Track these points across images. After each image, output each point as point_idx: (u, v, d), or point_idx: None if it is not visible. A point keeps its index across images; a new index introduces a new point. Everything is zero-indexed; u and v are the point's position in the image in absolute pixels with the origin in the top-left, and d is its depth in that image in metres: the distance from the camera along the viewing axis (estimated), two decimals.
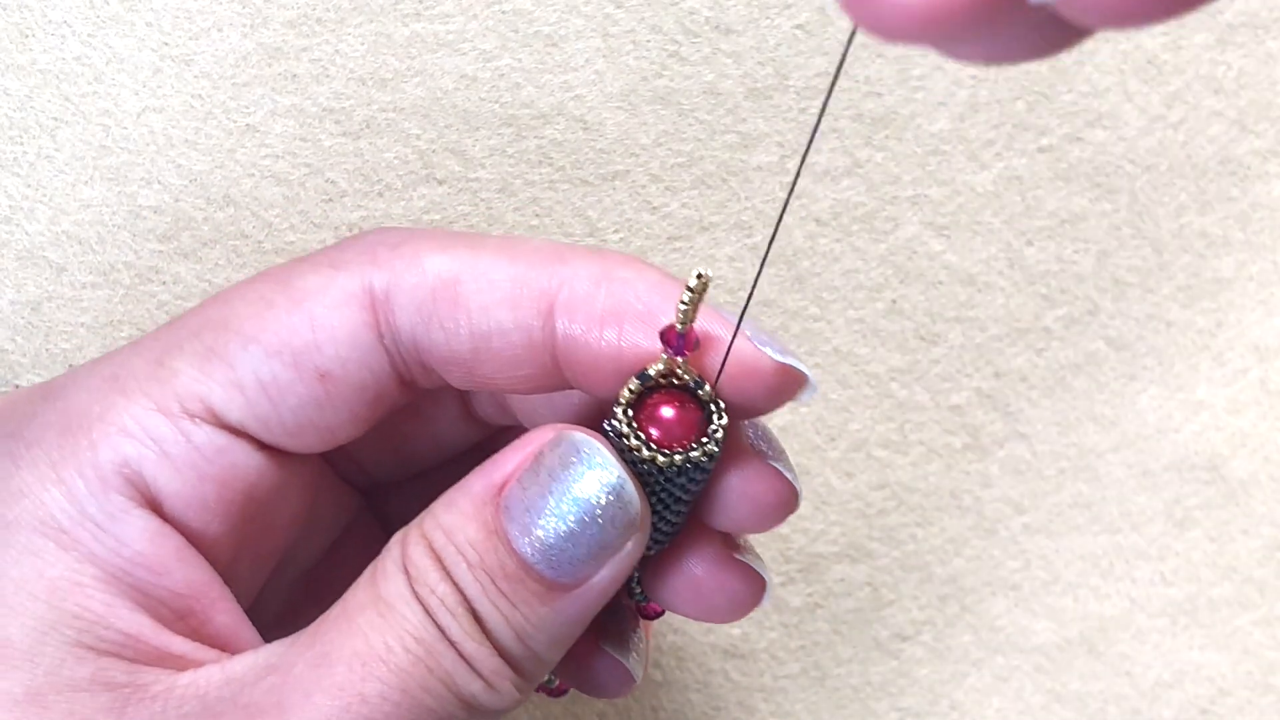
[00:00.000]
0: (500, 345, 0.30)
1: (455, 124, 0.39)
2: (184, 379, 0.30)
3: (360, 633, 0.28)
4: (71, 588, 0.29)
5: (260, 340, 0.30)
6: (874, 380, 0.41)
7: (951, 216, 0.41)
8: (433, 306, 0.30)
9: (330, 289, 0.30)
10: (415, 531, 0.29)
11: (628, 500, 0.29)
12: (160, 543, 0.29)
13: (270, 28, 0.38)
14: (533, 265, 0.30)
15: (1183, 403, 0.43)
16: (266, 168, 0.38)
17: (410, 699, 0.28)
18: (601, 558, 0.29)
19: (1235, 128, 0.41)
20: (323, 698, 0.28)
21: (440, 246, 0.30)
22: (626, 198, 0.39)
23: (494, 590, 0.29)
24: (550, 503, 0.28)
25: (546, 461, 0.29)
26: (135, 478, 0.29)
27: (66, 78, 0.37)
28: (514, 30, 0.38)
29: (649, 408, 0.29)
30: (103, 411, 0.30)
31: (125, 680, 0.29)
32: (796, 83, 0.39)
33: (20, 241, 0.37)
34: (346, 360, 0.30)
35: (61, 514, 0.29)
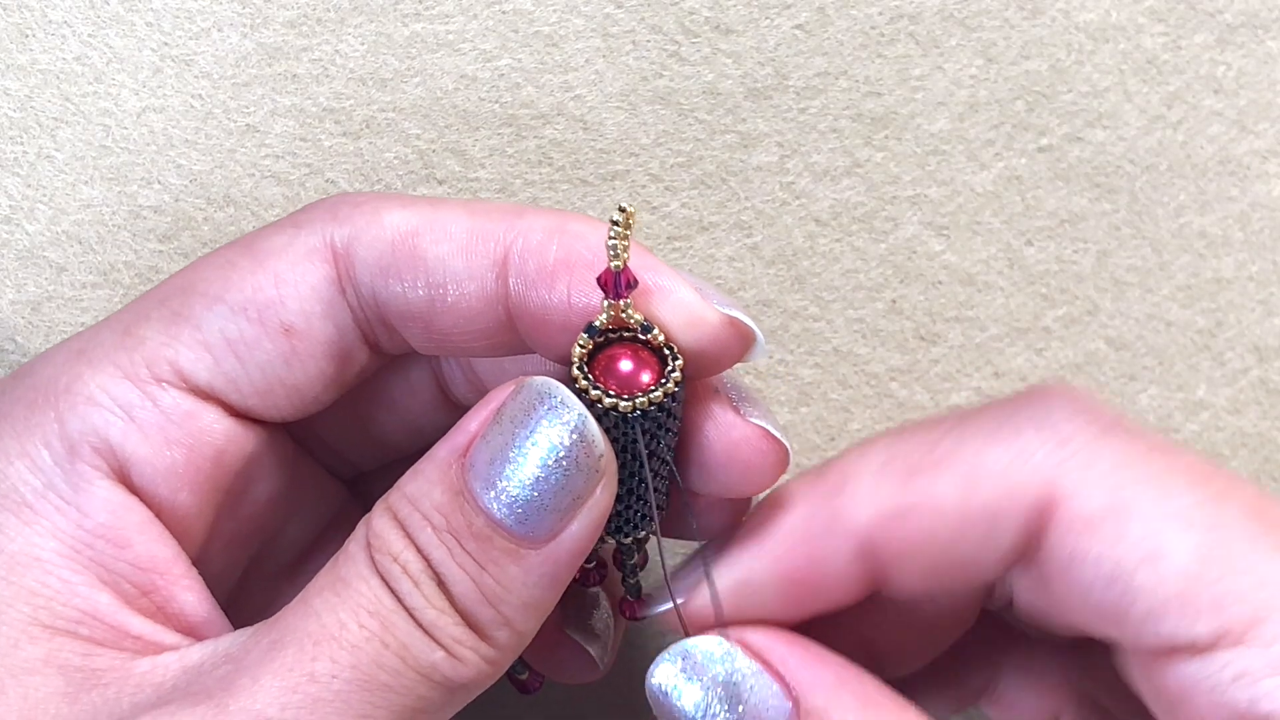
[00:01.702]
0: (455, 297, 0.30)
1: (455, 124, 0.39)
2: (151, 344, 0.30)
3: (314, 613, 0.28)
4: (30, 563, 0.28)
5: (225, 299, 0.30)
6: (874, 380, 0.41)
7: (951, 216, 0.41)
8: (391, 258, 0.30)
9: (293, 246, 0.30)
10: (379, 505, 0.29)
11: (591, 439, 0.28)
12: (123, 515, 0.29)
13: (270, 28, 0.38)
14: (490, 220, 0.30)
15: (1183, 403, 0.43)
16: (266, 168, 0.38)
17: (362, 674, 0.27)
18: (571, 508, 0.28)
19: (1235, 128, 0.41)
20: (270, 679, 0.27)
21: (402, 204, 0.30)
22: (626, 198, 0.40)
23: (460, 552, 0.28)
24: (514, 452, 0.28)
25: (508, 410, 0.28)
26: (103, 446, 0.29)
27: (66, 78, 0.37)
28: (514, 30, 0.38)
29: (603, 361, 0.29)
30: (69, 383, 0.30)
31: (80, 663, 0.28)
32: (796, 83, 0.40)
33: (20, 241, 0.37)
34: (310, 314, 0.30)
35: (25, 487, 0.29)
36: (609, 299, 0.29)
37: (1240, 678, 0.28)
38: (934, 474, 0.29)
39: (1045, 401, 0.30)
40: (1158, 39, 0.41)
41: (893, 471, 0.30)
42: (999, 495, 0.29)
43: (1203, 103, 0.41)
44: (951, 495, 0.29)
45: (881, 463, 0.30)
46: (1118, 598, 0.28)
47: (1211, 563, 0.28)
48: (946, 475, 0.29)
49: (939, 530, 0.29)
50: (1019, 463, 0.29)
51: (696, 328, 0.29)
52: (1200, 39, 0.41)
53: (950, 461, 0.29)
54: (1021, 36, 0.40)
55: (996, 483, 0.29)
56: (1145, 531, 0.28)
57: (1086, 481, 0.29)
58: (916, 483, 0.29)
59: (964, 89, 0.40)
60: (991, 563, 0.30)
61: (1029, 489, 0.29)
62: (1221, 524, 0.28)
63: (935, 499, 0.29)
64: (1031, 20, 0.40)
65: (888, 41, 0.40)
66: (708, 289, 0.30)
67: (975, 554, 0.29)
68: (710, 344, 0.29)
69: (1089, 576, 0.29)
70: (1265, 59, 0.41)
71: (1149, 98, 0.41)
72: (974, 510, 0.29)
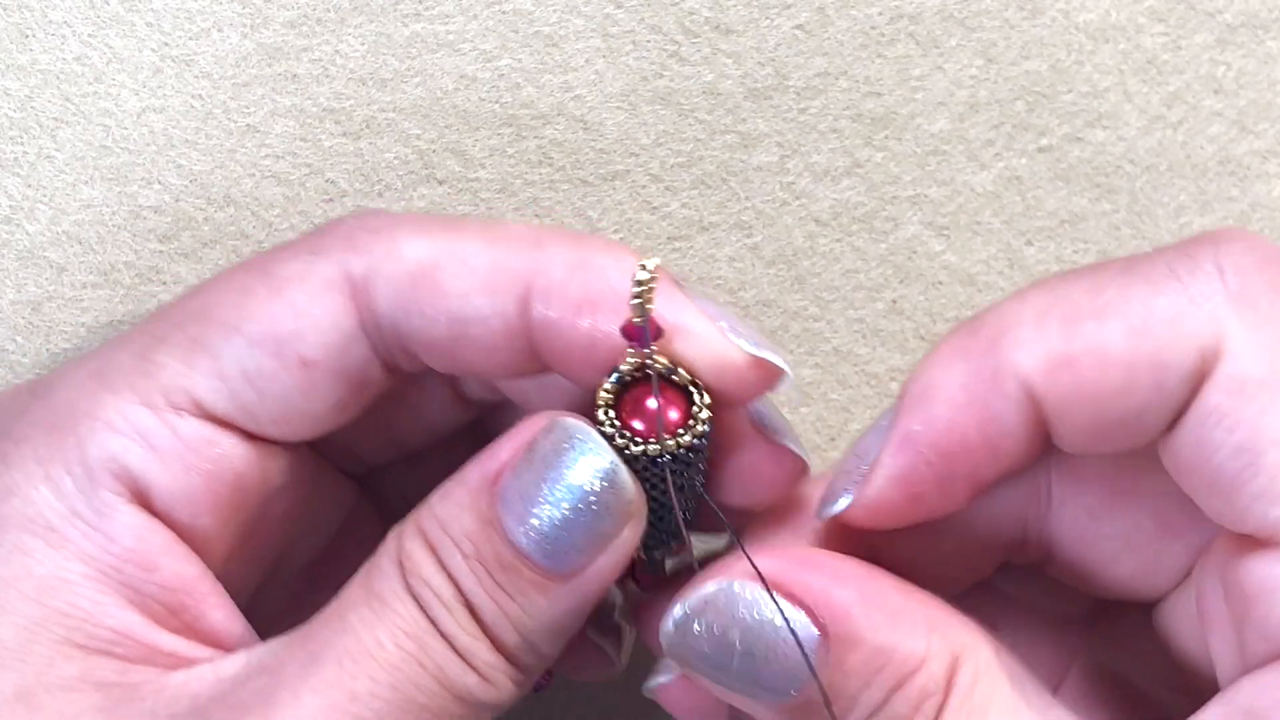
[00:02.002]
0: (478, 331, 0.30)
1: (455, 124, 0.39)
2: (168, 372, 0.30)
3: (351, 630, 0.28)
4: (61, 585, 0.29)
5: (243, 330, 0.30)
6: (874, 380, 0.41)
7: (951, 216, 0.41)
8: (412, 293, 0.30)
9: (310, 276, 0.30)
10: (410, 525, 0.29)
11: (621, 486, 0.28)
12: (149, 538, 0.29)
13: (270, 28, 0.38)
14: (510, 250, 0.29)
15: None
16: (266, 168, 0.38)
17: (401, 695, 0.28)
18: (598, 546, 0.28)
19: (1235, 128, 0.41)
20: (311, 696, 0.28)
21: (419, 231, 0.30)
22: (626, 198, 0.40)
23: (490, 581, 0.28)
24: (545, 490, 0.28)
25: (540, 449, 0.28)
26: (123, 473, 0.29)
27: (66, 78, 0.37)
28: (514, 30, 0.38)
29: (630, 401, 0.29)
30: (89, 408, 0.30)
31: (115, 679, 0.29)
32: (796, 83, 0.40)
33: (20, 241, 0.37)
34: (329, 347, 0.30)
35: (50, 511, 0.29)
36: (634, 348, 0.29)
37: None
38: (1101, 320, 0.27)
39: (1221, 247, 0.28)
40: (1158, 39, 0.41)
41: (1055, 318, 0.28)
42: (1169, 343, 0.27)
43: (1203, 103, 0.41)
44: (1120, 342, 0.27)
45: (1042, 309, 0.28)
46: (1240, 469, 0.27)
47: None
48: (1114, 321, 0.27)
49: (1108, 379, 0.27)
50: (1190, 311, 0.27)
51: (723, 369, 0.29)
52: (1200, 39, 0.41)
53: (1117, 308, 0.27)
54: (1021, 36, 0.40)
55: (1166, 330, 0.27)
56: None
57: (1252, 342, 0.27)
58: (1082, 329, 0.27)
59: (964, 89, 0.40)
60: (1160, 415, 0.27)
61: (1199, 339, 0.27)
62: None
63: (1103, 346, 0.27)
64: (1031, 20, 0.40)
65: (888, 41, 0.40)
66: (733, 321, 0.30)
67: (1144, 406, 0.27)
68: (736, 384, 0.29)
69: (1219, 439, 0.27)
70: (1265, 59, 0.41)
71: (1149, 98, 0.41)
72: (1143, 358, 0.27)
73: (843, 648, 0.28)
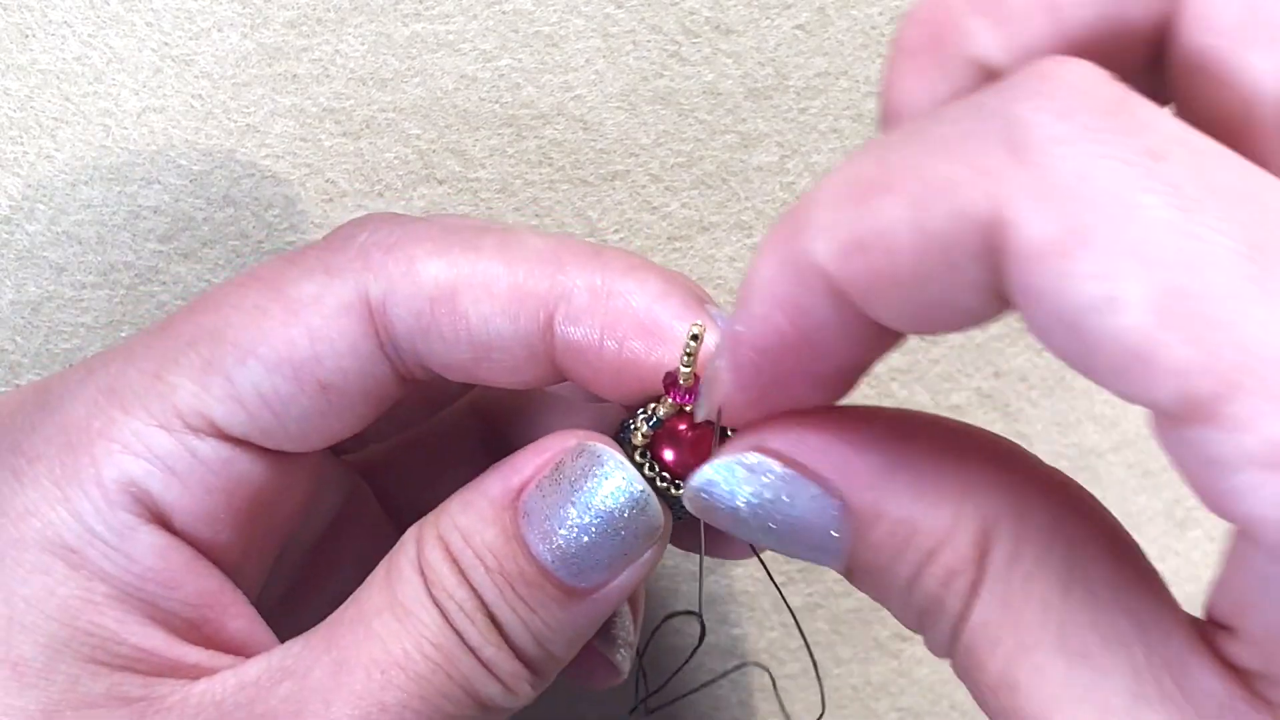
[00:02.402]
0: (500, 355, 0.30)
1: (455, 124, 0.39)
2: (183, 394, 0.29)
3: (377, 638, 0.28)
4: (83, 605, 0.29)
5: (258, 354, 0.29)
6: (874, 380, 0.41)
7: None
8: (431, 317, 0.29)
9: (326, 298, 0.30)
10: (431, 532, 0.29)
11: (651, 513, 0.29)
12: (171, 557, 0.29)
13: (270, 28, 0.38)
14: (531, 272, 0.29)
15: None
16: (266, 168, 0.38)
17: (430, 705, 0.28)
18: (621, 565, 0.29)
19: None
20: (342, 707, 0.28)
21: (436, 249, 0.30)
22: (626, 198, 0.40)
23: (512, 595, 0.29)
24: (572, 513, 0.28)
25: (567, 471, 0.29)
26: (143, 495, 0.29)
27: (66, 78, 0.37)
28: (514, 30, 0.38)
29: (662, 432, 0.29)
30: (103, 427, 0.29)
31: (141, 694, 0.29)
32: (796, 83, 0.40)
33: (20, 241, 0.37)
34: (348, 371, 0.30)
35: (69, 533, 0.29)
36: (673, 399, 0.29)
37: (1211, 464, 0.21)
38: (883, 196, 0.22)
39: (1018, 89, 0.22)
40: None
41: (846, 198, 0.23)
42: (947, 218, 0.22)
43: None
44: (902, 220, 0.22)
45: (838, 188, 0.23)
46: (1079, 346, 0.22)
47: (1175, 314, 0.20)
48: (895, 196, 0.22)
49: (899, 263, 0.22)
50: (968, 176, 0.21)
51: None
52: None
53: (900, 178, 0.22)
54: None
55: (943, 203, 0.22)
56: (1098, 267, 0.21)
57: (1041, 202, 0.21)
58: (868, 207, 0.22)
59: None
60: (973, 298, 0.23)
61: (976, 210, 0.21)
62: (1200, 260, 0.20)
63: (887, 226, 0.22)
64: None
65: (888, 41, 0.40)
66: None
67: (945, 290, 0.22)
68: None
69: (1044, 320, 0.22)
70: None
71: None
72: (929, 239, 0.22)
73: (865, 521, 0.25)
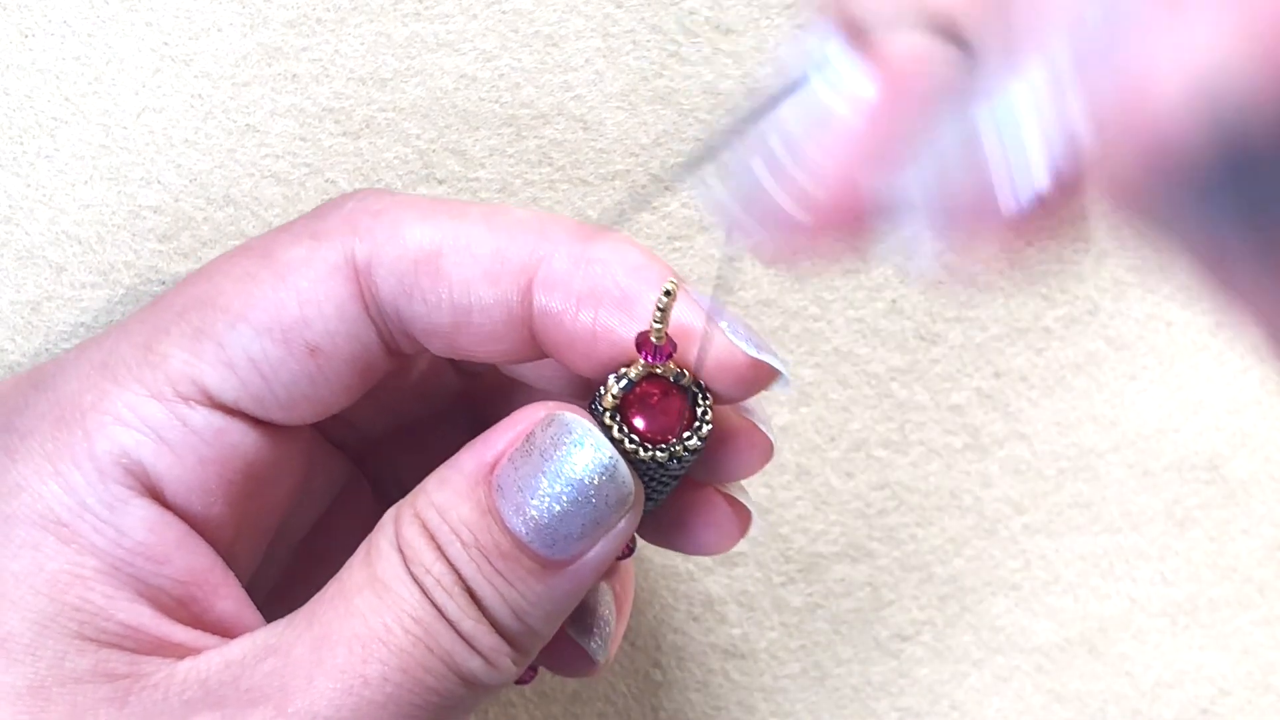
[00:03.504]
0: (480, 320, 0.30)
1: (455, 124, 0.39)
2: (174, 362, 0.30)
3: (358, 613, 0.29)
4: (72, 581, 0.29)
5: (248, 318, 0.30)
6: (874, 380, 0.41)
7: None
8: (415, 279, 0.30)
9: (313, 261, 0.30)
10: (408, 510, 0.30)
11: (621, 480, 0.29)
12: (161, 531, 0.29)
13: (270, 28, 0.38)
14: (514, 238, 0.30)
15: (1183, 403, 0.43)
16: (266, 168, 0.38)
17: (411, 679, 0.29)
18: (595, 535, 0.29)
19: None
20: (324, 681, 0.28)
21: (422, 215, 0.30)
22: (626, 198, 0.40)
23: (489, 569, 0.29)
24: (543, 482, 0.29)
25: (538, 441, 0.29)
26: (134, 467, 0.29)
27: (66, 78, 0.37)
28: (514, 30, 0.38)
29: (633, 398, 0.29)
30: (95, 400, 0.30)
31: (127, 670, 0.29)
32: None
33: (20, 241, 0.37)
34: (335, 334, 0.30)
35: (61, 507, 0.29)
36: (645, 359, 0.29)
37: None
38: None
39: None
40: None
41: None
42: None
43: None
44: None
45: None
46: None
47: None
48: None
49: None
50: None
51: (727, 372, 0.29)
52: None
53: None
54: None
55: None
56: None
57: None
58: None
59: None
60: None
61: None
62: None
63: None
64: None
65: None
66: (732, 320, 0.30)
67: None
68: (737, 386, 0.30)
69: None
70: None
71: None
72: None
73: None
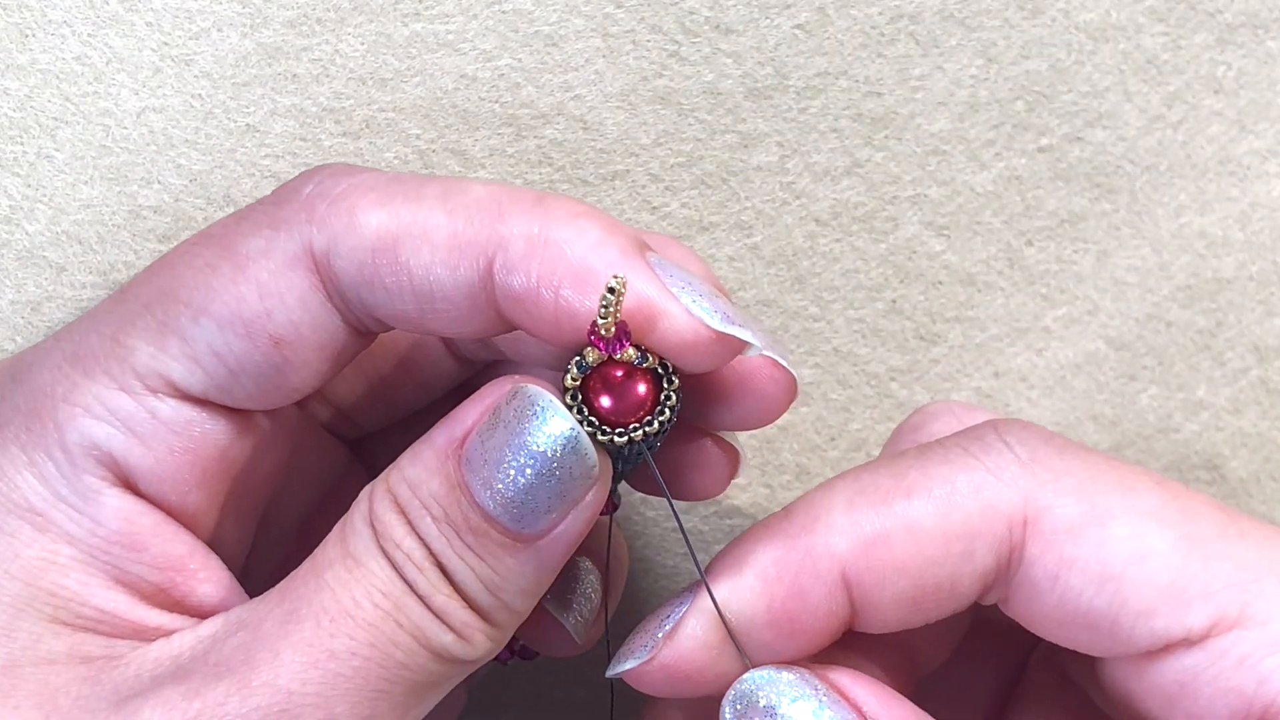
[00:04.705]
0: (444, 305, 0.30)
1: (455, 124, 0.39)
2: (140, 355, 0.30)
3: (328, 588, 0.29)
4: (47, 567, 0.29)
5: (210, 311, 0.30)
6: (874, 380, 0.41)
7: (951, 216, 0.41)
8: (373, 268, 0.29)
9: (272, 252, 0.30)
10: (381, 486, 0.30)
11: (583, 452, 0.29)
12: (136, 520, 0.29)
13: (270, 28, 0.38)
14: (471, 220, 0.29)
15: (1183, 403, 0.43)
16: (266, 168, 0.38)
17: (379, 653, 0.28)
18: (562, 509, 0.29)
19: (1235, 128, 0.41)
20: (290, 654, 0.28)
21: (379, 200, 0.30)
22: (626, 198, 0.40)
23: (459, 543, 0.29)
24: (509, 455, 0.28)
25: (503, 415, 0.29)
26: (106, 458, 0.29)
27: (66, 78, 0.37)
28: (514, 30, 0.38)
29: (597, 378, 0.29)
30: (65, 392, 0.30)
31: (101, 653, 0.29)
32: (796, 83, 0.40)
33: (20, 241, 0.37)
34: (299, 324, 0.30)
35: (35, 496, 0.29)
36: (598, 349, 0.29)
37: (1243, 661, 0.28)
38: (909, 499, 0.30)
39: (1000, 427, 0.31)
40: (1158, 39, 0.41)
41: (865, 502, 0.30)
42: (976, 513, 0.30)
43: (1203, 103, 0.41)
44: (930, 517, 0.30)
45: (850, 496, 0.30)
46: (1109, 600, 0.29)
47: (1194, 553, 0.29)
48: (921, 499, 0.30)
49: (921, 552, 0.30)
50: (992, 481, 0.30)
51: (692, 351, 0.29)
52: (1200, 39, 0.41)
53: (923, 486, 0.30)
54: (1021, 36, 0.40)
55: (972, 501, 0.30)
56: (1127, 531, 0.29)
57: (1060, 493, 0.30)
58: (892, 508, 0.30)
59: (964, 89, 0.40)
60: (972, 584, 0.30)
61: (1006, 505, 0.30)
62: (1192, 517, 0.29)
63: (914, 522, 0.30)
64: (1031, 20, 0.40)
65: (888, 41, 0.40)
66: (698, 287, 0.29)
67: (956, 575, 0.30)
68: (705, 360, 0.29)
69: (1077, 583, 0.29)
70: (1265, 59, 0.41)
71: (1149, 98, 0.41)
72: (953, 529, 0.30)
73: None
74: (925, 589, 0.30)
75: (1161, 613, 0.29)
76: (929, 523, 0.30)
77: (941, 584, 0.30)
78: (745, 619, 0.30)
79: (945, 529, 0.30)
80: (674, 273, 0.29)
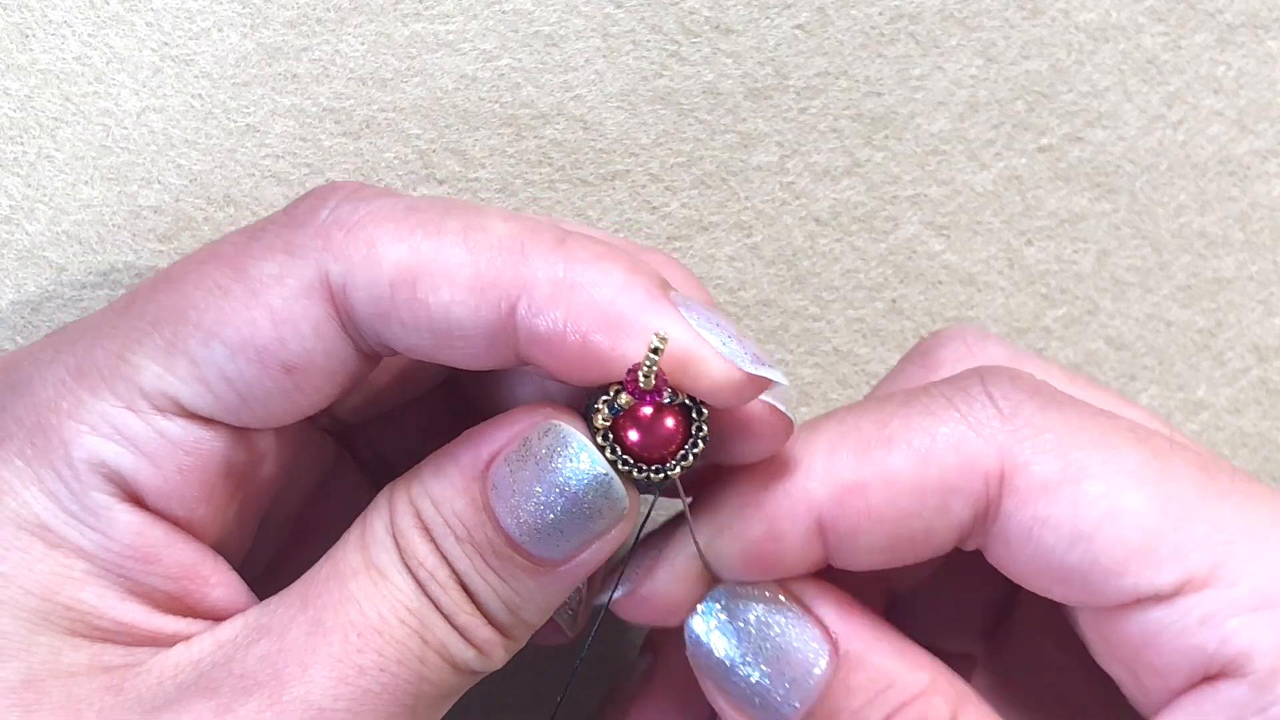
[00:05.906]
0: (461, 342, 0.29)
1: (455, 124, 0.39)
2: (147, 375, 0.29)
3: (354, 600, 0.29)
4: (63, 581, 0.29)
5: (221, 336, 0.29)
6: (874, 380, 0.41)
7: (951, 216, 0.41)
8: (391, 303, 0.29)
9: (286, 278, 0.29)
10: (403, 497, 0.30)
11: (615, 495, 0.29)
12: (147, 533, 0.29)
13: (270, 28, 0.38)
14: (493, 261, 0.29)
15: (1183, 403, 0.43)
16: (266, 168, 0.38)
17: (406, 669, 0.29)
18: (588, 541, 0.29)
19: (1235, 128, 0.41)
20: (320, 670, 0.28)
21: (397, 233, 0.29)
22: (626, 198, 0.40)
23: (483, 565, 0.29)
24: (538, 491, 0.29)
25: (534, 448, 0.29)
26: (114, 475, 0.29)
27: (66, 78, 0.37)
28: (514, 30, 0.38)
29: (627, 414, 0.29)
30: (71, 409, 0.29)
31: (121, 662, 0.29)
32: (796, 83, 0.40)
33: (20, 241, 0.37)
34: (312, 352, 0.30)
35: (45, 513, 0.29)
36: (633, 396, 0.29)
37: (1207, 619, 0.29)
38: (888, 449, 0.30)
39: (988, 378, 0.31)
40: (1158, 39, 0.41)
41: (846, 448, 0.31)
42: (954, 468, 0.30)
43: (1203, 103, 0.41)
44: (907, 469, 0.30)
45: (833, 440, 0.31)
46: (1080, 557, 0.29)
47: (1168, 514, 0.29)
48: (901, 450, 0.30)
49: (896, 504, 0.30)
50: (971, 436, 0.30)
51: (723, 392, 0.29)
52: (1200, 39, 0.41)
53: (903, 437, 0.30)
54: (1021, 36, 0.40)
55: (951, 456, 0.30)
56: (1102, 490, 0.29)
57: (1038, 449, 0.30)
58: (871, 458, 0.30)
59: (964, 89, 0.40)
60: (947, 536, 0.31)
61: (983, 460, 0.30)
62: (1170, 477, 0.30)
63: (891, 473, 0.30)
64: (1031, 20, 0.40)
65: (888, 41, 0.40)
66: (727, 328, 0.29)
67: (931, 527, 0.30)
68: (734, 399, 0.29)
69: (1050, 540, 0.30)
70: (1265, 59, 0.41)
71: (1149, 98, 0.41)
72: (930, 483, 0.30)
73: (850, 666, 0.30)
74: (900, 538, 0.31)
75: (1132, 571, 0.29)
76: (906, 476, 0.30)
77: (916, 534, 0.30)
78: (722, 557, 0.31)
79: (922, 483, 0.30)
80: (699, 312, 0.29)
